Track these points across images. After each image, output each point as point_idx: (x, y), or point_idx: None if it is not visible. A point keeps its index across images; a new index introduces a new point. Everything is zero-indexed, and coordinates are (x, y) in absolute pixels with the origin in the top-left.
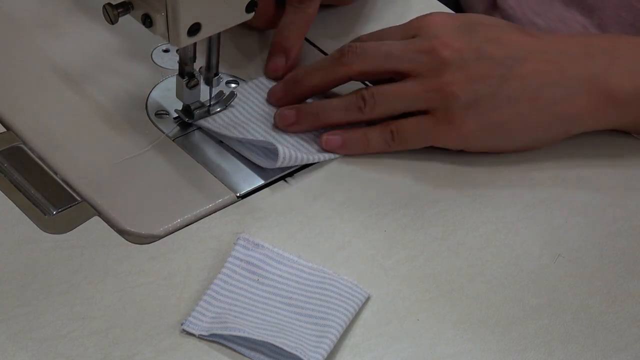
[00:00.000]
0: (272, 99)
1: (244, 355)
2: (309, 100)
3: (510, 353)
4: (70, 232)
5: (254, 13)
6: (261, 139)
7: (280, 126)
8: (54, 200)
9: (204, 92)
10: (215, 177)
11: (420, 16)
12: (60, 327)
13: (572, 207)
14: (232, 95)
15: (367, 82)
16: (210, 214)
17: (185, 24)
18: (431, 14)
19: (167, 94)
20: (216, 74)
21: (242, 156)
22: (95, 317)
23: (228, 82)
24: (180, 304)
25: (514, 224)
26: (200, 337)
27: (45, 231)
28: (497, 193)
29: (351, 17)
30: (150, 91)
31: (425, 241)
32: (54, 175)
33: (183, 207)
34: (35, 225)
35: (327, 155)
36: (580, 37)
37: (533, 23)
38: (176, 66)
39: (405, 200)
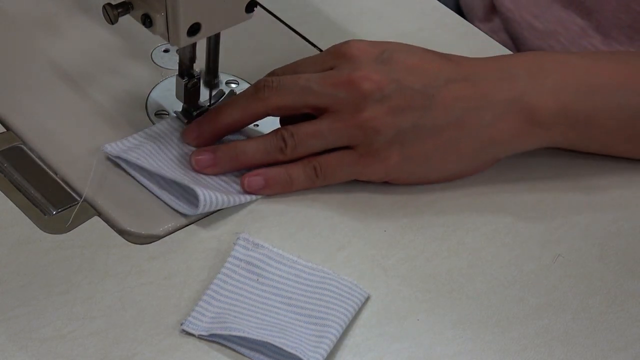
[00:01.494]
0: (187, 139)
1: (244, 355)
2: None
3: (510, 353)
4: (70, 232)
5: (253, 13)
6: (179, 179)
7: (196, 169)
8: (53, 200)
9: (203, 93)
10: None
11: (338, 44)
12: (60, 327)
13: (572, 207)
14: (233, 94)
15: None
16: (210, 214)
17: (185, 24)
18: (350, 42)
19: (167, 94)
20: (215, 76)
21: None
22: (95, 317)
23: (228, 82)
24: (180, 304)
25: (514, 224)
26: (200, 337)
27: (45, 231)
28: (497, 193)
29: (349, 16)
30: (150, 91)
31: (425, 241)
32: (54, 175)
33: None
34: (35, 225)
35: (249, 197)
36: (501, 59)
37: (531, 26)
38: (176, 66)
39: (405, 200)
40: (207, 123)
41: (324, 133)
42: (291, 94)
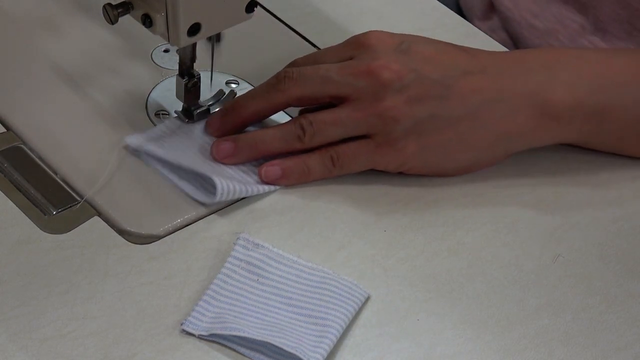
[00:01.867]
0: (210, 129)
1: (244, 355)
2: (250, 128)
3: (510, 353)
4: (70, 232)
5: (253, 13)
6: (199, 169)
7: (217, 159)
8: (54, 200)
9: (203, 93)
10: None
11: (357, 35)
12: (61, 327)
13: (572, 207)
14: (233, 94)
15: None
16: (210, 214)
17: (185, 24)
18: (369, 32)
19: (167, 94)
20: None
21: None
22: (95, 317)
23: (228, 82)
24: (180, 304)
25: (514, 224)
26: (200, 337)
27: (45, 231)
28: (497, 193)
29: (349, 16)
30: (150, 91)
31: (425, 241)
32: (54, 175)
33: (183, 207)
34: (35, 225)
35: (267, 187)
36: (517, 53)
37: (531, 25)
38: (176, 66)
39: (405, 200)
40: (229, 114)
41: (343, 121)
42: (311, 84)
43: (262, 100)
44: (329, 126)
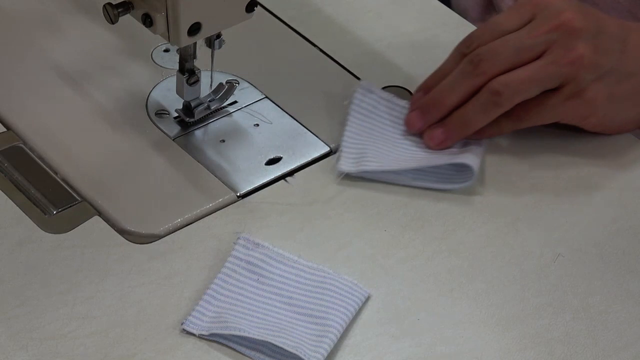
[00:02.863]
0: (413, 129)
1: (244, 355)
2: None
3: (510, 352)
4: (71, 231)
5: (253, 13)
6: (431, 163)
7: (431, 147)
8: (54, 200)
9: (203, 92)
10: (215, 176)
11: None
12: (61, 327)
13: (572, 207)
14: (232, 87)
15: None
16: (210, 214)
17: (185, 24)
18: None
19: (167, 94)
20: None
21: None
22: (95, 317)
23: (228, 82)
24: (180, 304)
25: (514, 224)
26: (201, 337)
27: (45, 231)
28: (497, 193)
29: (349, 16)
30: (151, 91)
31: (425, 241)
32: (54, 175)
33: (183, 206)
34: (35, 225)
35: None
36: None
37: None
38: (176, 66)
39: (405, 200)
40: (432, 110)
41: (538, 77)
42: (507, 58)
43: (463, 88)
44: (525, 86)
